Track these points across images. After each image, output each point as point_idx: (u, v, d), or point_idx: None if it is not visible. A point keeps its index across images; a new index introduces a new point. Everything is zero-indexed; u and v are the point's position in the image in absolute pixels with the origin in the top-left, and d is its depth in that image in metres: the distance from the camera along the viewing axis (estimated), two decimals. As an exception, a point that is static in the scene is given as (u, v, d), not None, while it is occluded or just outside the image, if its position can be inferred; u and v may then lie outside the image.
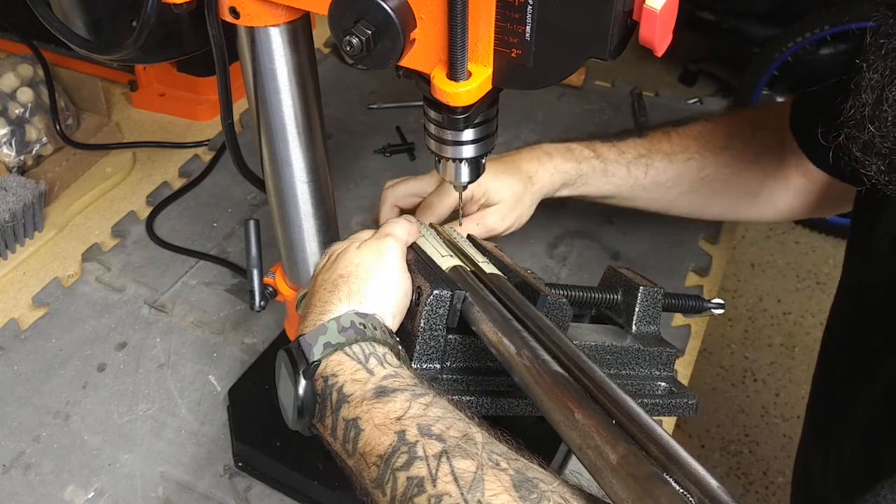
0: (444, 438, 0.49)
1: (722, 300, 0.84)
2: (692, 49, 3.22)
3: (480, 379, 0.65)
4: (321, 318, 0.60)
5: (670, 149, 0.99)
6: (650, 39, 0.51)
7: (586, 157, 0.98)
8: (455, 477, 0.47)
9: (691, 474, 0.41)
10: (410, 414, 0.52)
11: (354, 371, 0.56)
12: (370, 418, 0.53)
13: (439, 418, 0.51)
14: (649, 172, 0.98)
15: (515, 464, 0.48)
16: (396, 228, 0.68)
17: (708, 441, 2.14)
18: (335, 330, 0.58)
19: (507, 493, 0.45)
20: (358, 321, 0.59)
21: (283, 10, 0.62)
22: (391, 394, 0.54)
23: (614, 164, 0.98)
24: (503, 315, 0.59)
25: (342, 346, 0.58)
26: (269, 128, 0.71)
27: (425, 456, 0.49)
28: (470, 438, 0.49)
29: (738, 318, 2.45)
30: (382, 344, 0.59)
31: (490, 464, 0.47)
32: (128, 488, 0.86)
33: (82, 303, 1.06)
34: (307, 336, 0.59)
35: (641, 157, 0.98)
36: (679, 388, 0.72)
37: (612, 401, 0.47)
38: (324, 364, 0.58)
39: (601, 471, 0.44)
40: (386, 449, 0.51)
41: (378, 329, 0.60)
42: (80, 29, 0.66)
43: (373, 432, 0.52)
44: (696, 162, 0.99)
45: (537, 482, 0.46)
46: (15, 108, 1.21)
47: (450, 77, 0.55)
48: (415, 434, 0.50)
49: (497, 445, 0.50)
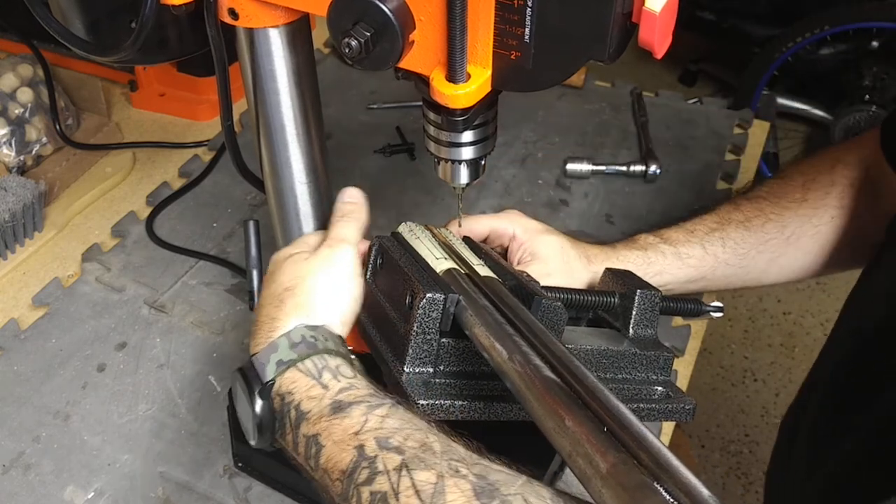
0: (403, 450, 0.50)
1: (721, 303, 0.84)
2: (692, 49, 3.22)
3: (474, 383, 0.64)
4: (271, 335, 0.61)
5: (743, 216, 0.91)
6: (650, 42, 0.51)
7: (651, 244, 0.90)
8: (416, 490, 0.47)
9: (682, 484, 0.40)
10: (367, 427, 0.52)
11: (309, 388, 0.57)
12: (329, 435, 0.54)
13: (396, 430, 0.52)
14: (727, 245, 0.90)
15: (476, 468, 0.48)
16: (348, 232, 0.68)
17: (708, 441, 2.14)
18: (286, 346, 0.59)
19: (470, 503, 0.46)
20: (308, 335, 0.59)
21: (282, 12, 0.62)
22: (347, 408, 0.55)
23: (686, 245, 0.90)
24: (496, 319, 0.59)
25: (294, 363, 0.58)
26: (269, 129, 0.71)
27: (386, 470, 0.49)
28: (428, 448, 0.50)
29: (738, 318, 2.45)
30: (335, 355, 0.59)
31: (450, 472, 0.48)
32: (128, 488, 0.86)
33: (82, 303, 1.06)
34: (259, 355, 0.60)
35: (713, 231, 0.90)
36: (676, 392, 0.72)
37: (604, 408, 0.47)
38: (278, 382, 0.58)
39: (591, 479, 0.44)
40: (347, 465, 0.51)
41: (329, 340, 0.60)
42: (78, 30, 0.65)
43: (333, 448, 0.53)
44: (774, 223, 0.90)
45: (499, 486, 0.47)
46: (15, 108, 1.21)
47: (449, 79, 0.55)
48: (373, 448, 0.51)
49: (456, 451, 0.50)
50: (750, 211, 0.91)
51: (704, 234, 0.90)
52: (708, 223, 0.91)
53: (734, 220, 0.91)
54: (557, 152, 1.31)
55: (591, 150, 1.31)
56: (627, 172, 1.26)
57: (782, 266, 0.92)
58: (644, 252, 0.89)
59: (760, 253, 0.90)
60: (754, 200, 0.92)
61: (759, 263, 0.91)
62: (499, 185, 1.24)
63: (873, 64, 2.71)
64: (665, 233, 0.91)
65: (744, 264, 0.91)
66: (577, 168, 1.25)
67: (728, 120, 1.38)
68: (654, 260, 0.88)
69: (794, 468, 0.83)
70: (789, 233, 0.90)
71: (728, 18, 2.96)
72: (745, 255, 0.90)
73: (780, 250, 0.91)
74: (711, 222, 0.91)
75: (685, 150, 1.32)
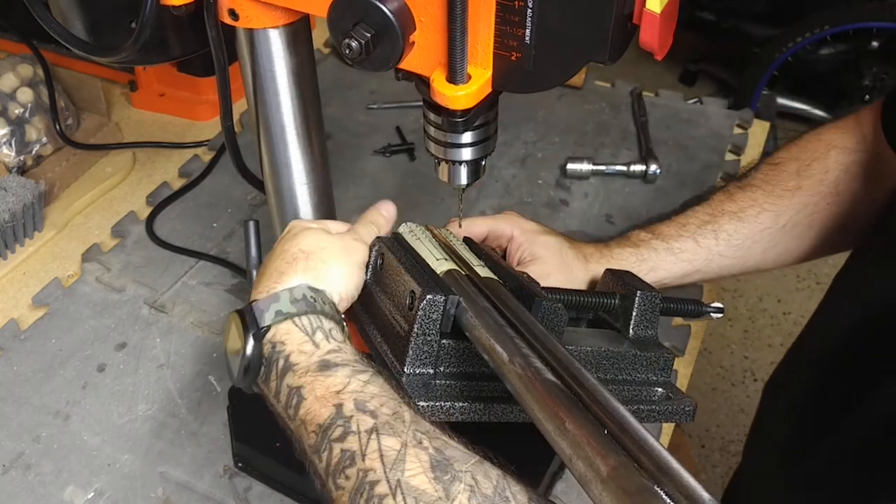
0: (377, 415, 0.53)
1: (721, 304, 0.83)
2: (692, 49, 3.22)
3: (474, 384, 0.64)
4: (275, 286, 0.63)
5: (736, 206, 0.90)
6: (650, 43, 0.51)
7: (644, 240, 0.90)
8: (381, 454, 0.51)
9: (682, 487, 0.40)
10: (349, 389, 0.56)
11: (301, 342, 0.60)
12: (312, 389, 0.57)
13: (374, 395, 0.55)
14: (720, 238, 0.89)
15: (436, 442, 0.52)
16: (368, 234, 0.71)
17: (708, 441, 2.14)
18: (287, 300, 0.62)
19: (424, 474, 0.49)
20: (310, 294, 0.62)
21: (282, 12, 0.62)
22: (333, 368, 0.58)
23: (678, 240, 0.89)
24: (496, 321, 0.59)
25: (292, 316, 0.61)
26: (269, 130, 0.71)
27: (358, 431, 0.53)
28: (399, 416, 0.53)
29: (738, 318, 2.45)
30: (330, 318, 0.63)
31: (413, 442, 0.51)
32: (128, 488, 0.86)
33: (82, 303, 1.06)
34: (260, 302, 0.62)
35: (706, 224, 0.90)
36: (676, 394, 0.72)
37: (605, 410, 0.47)
38: (273, 330, 0.61)
39: (591, 482, 0.44)
40: (324, 420, 0.55)
41: (327, 304, 0.63)
42: (78, 31, 0.65)
43: (313, 403, 0.56)
44: (768, 213, 0.89)
45: (453, 461, 0.50)
46: (15, 108, 1.21)
47: (449, 80, 0.55)
48: (351, 409, 0.54)
49: (423, 424, 0.54)
50: (743, 201, 0.91)
51: (696, 227, 0.90)
52: (700, 216, 0.91)
53: (727, 211, 0.90)
54: (557, 152, 1.31)
55: (591, 150, 1.31)
56: (627, 172, 1.26)
57: (779, 253, 0.92)
58: (637, 249, 0.89)
59: (756, 243, 0.90)
60: (748, 189, 0.91)
61: (755, 253, 0.91)
62: (499, 185, 1.24)
63: (873, 64, 2.71)
64: (657, 228, 0.91)
65: (739, 255, 0.91)
66: (577, 168, 1.25)
67: (728, 120, 1.38)
68: (647, 256, 0.89)
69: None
70: (784, 221, 0.90)
71: (728, 18, 2.96)
72: (739, 246, 0.90)
73: (776, 239, 0.90)
74: (704, 214, 0.91)
75: (685, 150, 1.32)
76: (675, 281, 0.90)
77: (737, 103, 2.56)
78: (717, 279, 0.95)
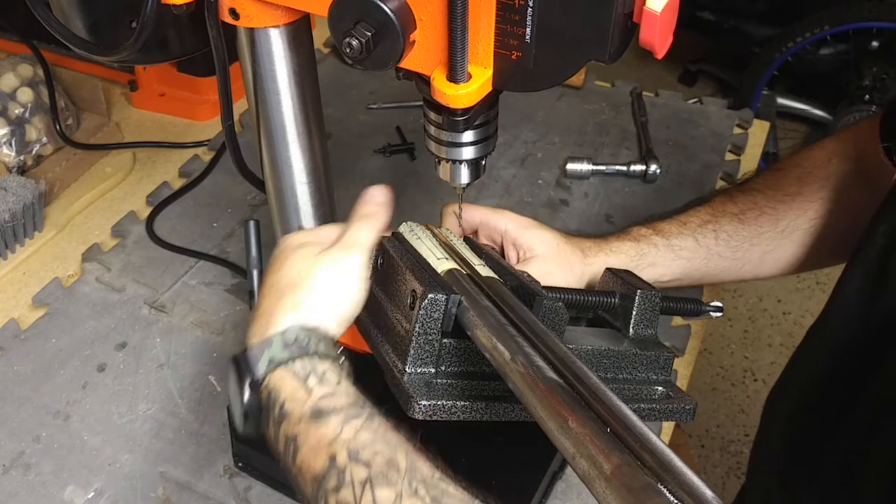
0: (371, 465, 0.53)
1: (720, 303, 0.83)
2: (692, 49, 3.22)
3: (475, 383, 0.64)
4: (267, 329, 0.62)
5: (737, 209, 0.90)
6: (651, 42, 0.51)
7: (644, 235, 0.89)
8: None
9: (686, 485, 0.40)
10: (342, 438, 0.55)
11: (294, 389, 0.59)
12: (306, 439, 0.56)
13: (367, 444, 0.54)
14: (720, 238, 0.89)
15: (433, 491, 0.51)
16: (364, 235, 0.68)
17: (708, 441, 2.14)
18: (279, 345, 0.61)
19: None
20: (302, 336, 0.61)
21: (282, 12, 0.62)
22: (326, 416, 0.57)
23: (678, 237, 0.89)
24: (498, 320, 0.59)
25: (285, 362, 0.60)
26: (269, 129, 0.70)
27: (352, 482, 0.52)
28: (394, 465, 0.53)
29: (738, 318, 2.45)
30: (324, 358, 0.61)
31: (409, 492, 0.51)
32: (128, 488, 0.86)
33: (82, 303, 1.06)
34: (254, 349, 0.62)
35: (707, 223, 0.90)
36: (676, 392, 0.72)
37: (607, 409, 0.47)
38: (268, 378, 0.61)
39: (595, 480, 0.44)
40: (319, 471, 0.54)
41: (322, 342, 0.62)
42: (79, 30, 0.65)
43: (308, 453, 0.56)
44: (768, 216, 0.89)
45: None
46: (15, 108, 1.21)
47: (450, 79, 0.55)
48: (344, 459, 0.54)
49: (420, 471, 0.53)
50: (744, 203, 0.90)
51: (697, 226, 0.90)
52: (701, 215, 0.91)
53: (728, 212, 0.90)
54: (557, 152, 1.31)
55: (591, 150, 1.31)
56: (627, 172, 1.26)
57: (777, 259, 0.91)
58: (637, 244, 0.88)
59: (754, 245, 0.90)
60: (749, 193, 0.91)
61: (753, 256, 0.90)
62: (499, 185, 1.25)
63: (873, 64, 2.71)
64: (658, 225, 0.91)
65: (737, 256, 0.90)
66: (577, 168, 1.25)
67: (728, 120, 1.38)
68: (646, 251, 0.88)
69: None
70: (783, 226, 0.89)
71: (728, 18, 2.96)
72: (738, 248, 0.89)
73: (775, 243, 0.90)
74: (705, 214, 0.91)
75: (685, 150, 1.32)
76: (673, 279, 0.90)
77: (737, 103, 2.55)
78: (713, 283, 0.95)
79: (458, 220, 0.83)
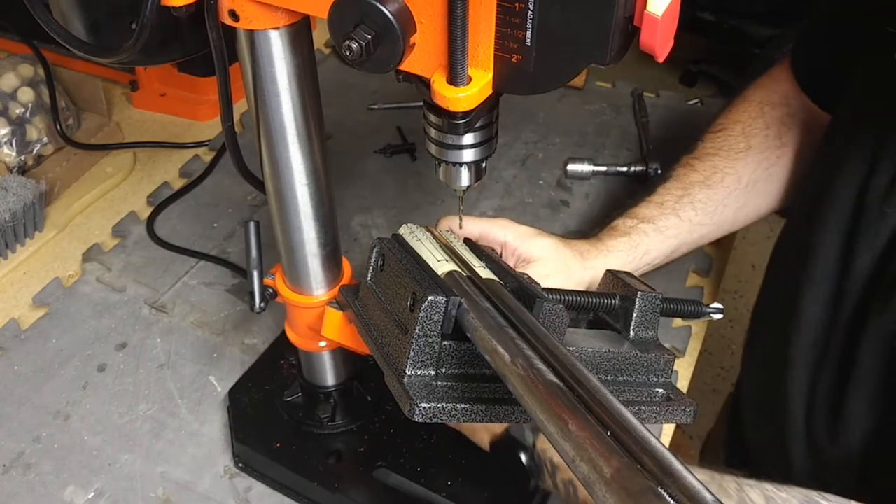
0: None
1: (721, 304, 0.83)
2: (693, 50, 3.22)
3: (476, 386, 0.64)
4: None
5: (701, 176, 0.95)
6: (651, 46, 0.51)
7: (631, 226, 0.93)
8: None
9: (685, 488, 0.40)
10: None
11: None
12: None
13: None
14: (697, 208, 0.94)
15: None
16: None
17: (707, 441, 2.14)
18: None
19: None
20: None
21: (282, 14, 0.62)
22: None
23: (661, 218, 0.93)
24: (498, 322, 0.59)
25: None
26: (269, 131, 0.70)
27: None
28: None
29: (738, 319, 2.45)
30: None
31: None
32: (128, 489, 0.86)
33: (83, 303, 1.06)
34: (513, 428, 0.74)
35: (682, 198, 0.94)
36: (677, 394, 0.72)
37: (607, 412, 0.47)
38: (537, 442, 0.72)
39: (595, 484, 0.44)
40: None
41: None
42: (78, 31, 0.65)
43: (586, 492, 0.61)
44: (731, 176, 0.95)
45: None
46: (15, 107, 1.21)
47: (450, 82, 0.55)
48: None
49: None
50: (706, 170, 0.95)
51: (674, 202, 0.94)
52: (673, 191, 0.95)
53: (695, 181, 0.95)
54: (558, 153, 1.31)
55: (592, 151, 1.31)
56: (628, 173, 1.26)
57: (748, 212, 0.98)
58: (629, 237, 0.92)
59: (727, 206, 0.95)
60: (705, 159, 0.96)
61: (728, 216, 0.96)
62: (499, 186, 1.24)
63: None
64: (638, 212, 0.94)
65: (715, 221, 0.95)
66: (577, 169, 1.25)
67: (729, 121, 1.38)
68: (638, 241, 0.91)
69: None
70: (746, 181, 0.95)
71: (728, 19, 2.96)
72: (714, 213, 0.94)
73: (743, 199, 0.96)
74: (676, 189, 0.95)
75: (686, 150, 1.31)
76: (663, 259, 0.94)
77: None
78: (695, 247, 1.00)
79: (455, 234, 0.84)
